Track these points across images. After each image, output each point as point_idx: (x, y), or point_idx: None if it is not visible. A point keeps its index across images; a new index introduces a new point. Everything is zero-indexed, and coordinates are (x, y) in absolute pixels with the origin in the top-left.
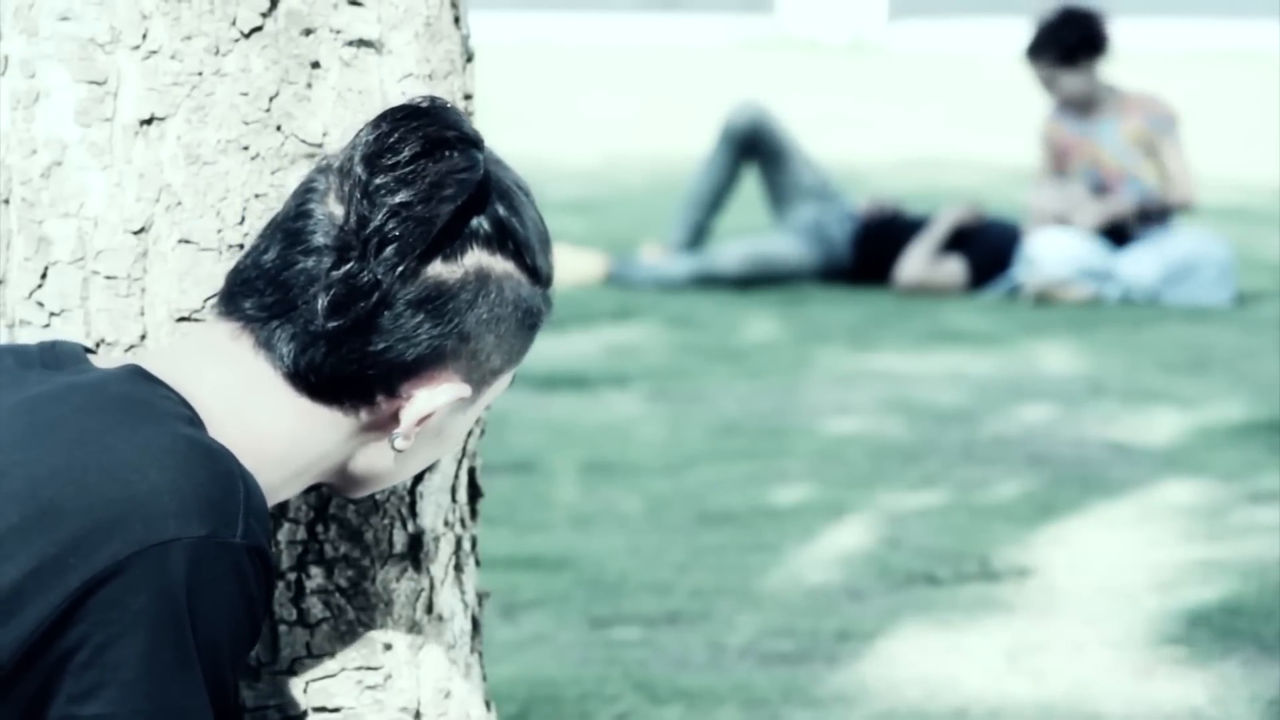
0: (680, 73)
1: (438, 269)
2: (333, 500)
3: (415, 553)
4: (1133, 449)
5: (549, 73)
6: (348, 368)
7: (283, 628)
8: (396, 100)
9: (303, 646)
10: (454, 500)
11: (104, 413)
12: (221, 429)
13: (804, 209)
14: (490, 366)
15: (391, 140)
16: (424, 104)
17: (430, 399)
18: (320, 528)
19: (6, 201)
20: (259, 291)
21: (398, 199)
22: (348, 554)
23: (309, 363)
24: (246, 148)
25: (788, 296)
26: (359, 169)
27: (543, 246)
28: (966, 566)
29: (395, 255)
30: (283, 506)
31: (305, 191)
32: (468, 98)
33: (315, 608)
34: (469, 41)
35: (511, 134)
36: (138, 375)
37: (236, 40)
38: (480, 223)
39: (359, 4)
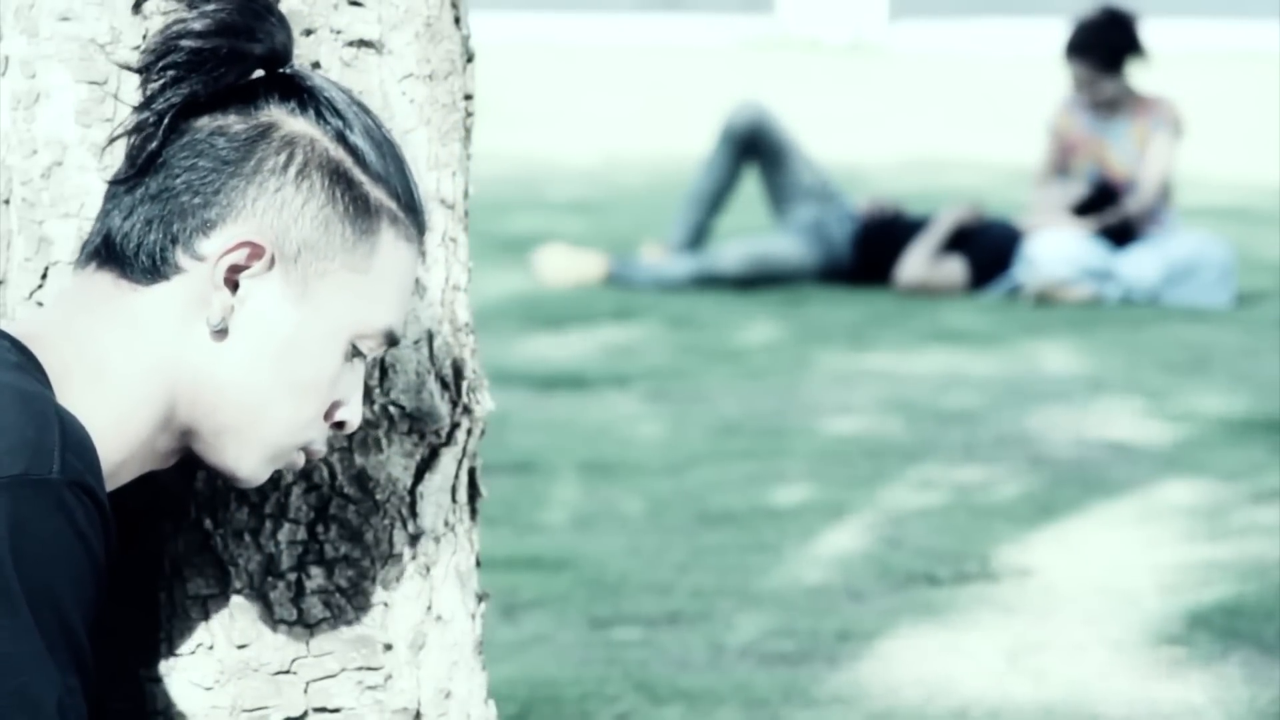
0: (680, 73)
1: (230, 118)
2: (333, 500)
3: (415, 553)
4: (1133, 449)
5: (549, 73)
6: (149, 227)
7: (283, 628)
8: (397, 101)
9: (303, 646)
10: (454, 500)
11: None
12: (66, 371)
13: (804, 209)
14: (300, 236)
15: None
16: None
17: (230, 255)
18: (320, 528)
19: (7, 202)
20: (98, 218)
21: (173, 32)
22: (348, 554)
23: (121, 237)
24: None
25: (788, 296)
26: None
27: (383, 155)
28: (966, 566)
29: (173, 92)
30: (283, 506)
31: None
32: (468, 98)
33: (315, 608)
34: (469, 41)
35: (511, 134)
36: None
37: None
38: (299, 102)
39: (359, 4)
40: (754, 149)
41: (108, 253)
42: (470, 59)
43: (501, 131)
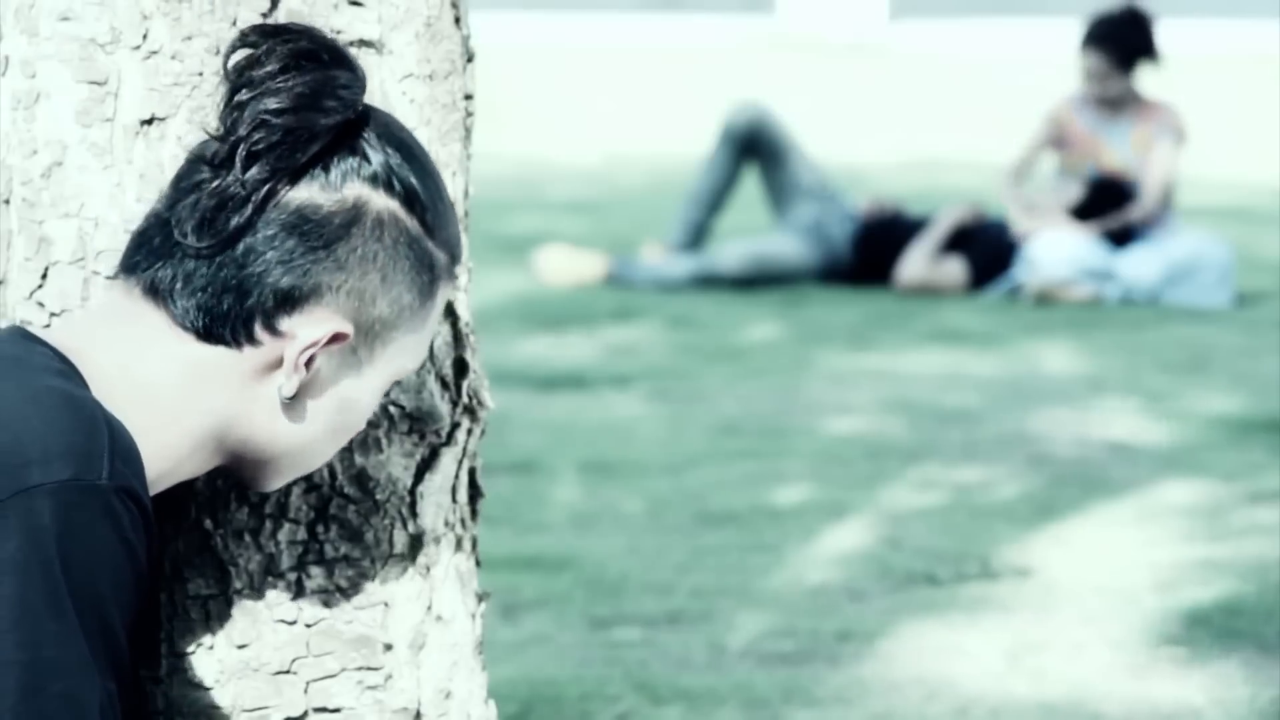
0: (680, 73)
1: (314, 193)
2: (333, 500)
3: (415, 553)
4: (1133, 449)
5: (549, 73)
6: (225, 296)
7: (283, 627)
8: (397, 101)
9: (303, 646)
10: (454, 500)
11: None
12: (110, 387)
13: (804, 209)
14: (378, 314)
15: (259, 52)
16: (294, 25)
17: (310, 334)
18: (320, 528)
19: (7, 202)
20: (149, 240)
21: (265, 107)
22: (348, 554)
23: (188, 293)
24: None
25: (788, 296)
26: (228, 81)
27: (442, 208)
28: (966, 566)
29: (265, 168)
30: (283, 506)
31: (200, 143)
32: (468, 98)
33: (315, 608)
34: (469, 41)
35: (511, 134)
36: (17, 335)
37: None
38: (365, 158)
39: (359, 4)
40: (754, 149)
41: (161, 297)
42: (470, 59)
43: (501, 131)
